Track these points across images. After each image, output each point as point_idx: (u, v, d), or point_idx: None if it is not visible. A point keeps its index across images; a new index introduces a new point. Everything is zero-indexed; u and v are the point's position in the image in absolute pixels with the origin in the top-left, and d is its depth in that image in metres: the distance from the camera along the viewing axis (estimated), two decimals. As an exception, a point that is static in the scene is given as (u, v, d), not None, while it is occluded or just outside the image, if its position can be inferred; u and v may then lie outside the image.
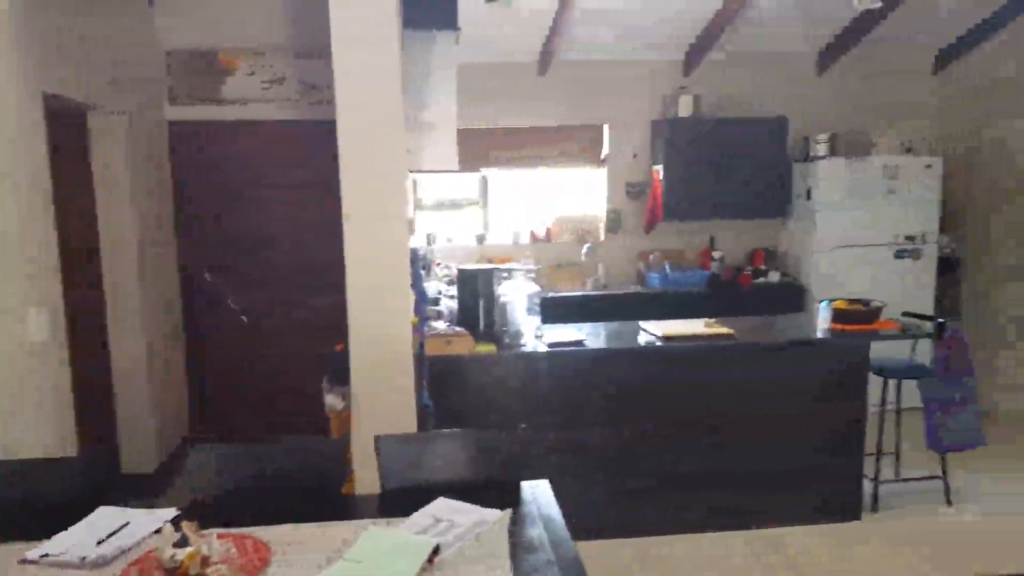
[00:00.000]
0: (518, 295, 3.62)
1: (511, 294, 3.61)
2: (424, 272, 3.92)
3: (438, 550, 1.70)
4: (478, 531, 1.83)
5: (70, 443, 3.26)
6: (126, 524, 1.85)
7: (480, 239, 5.84)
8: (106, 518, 1.89)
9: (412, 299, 2.94)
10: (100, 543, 1.76)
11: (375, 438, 2.14)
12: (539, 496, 2.09)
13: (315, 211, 4.77)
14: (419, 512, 1.93)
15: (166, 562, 1.59)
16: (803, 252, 5.60)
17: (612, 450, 3.65)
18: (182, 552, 1.60)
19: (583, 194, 6.05)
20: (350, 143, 2.74)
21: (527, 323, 3.64)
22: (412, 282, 2.96)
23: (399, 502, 2.01)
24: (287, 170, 4.87)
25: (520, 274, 3.87)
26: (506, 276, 3.62)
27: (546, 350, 3.53)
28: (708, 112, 5.67)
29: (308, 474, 2.17)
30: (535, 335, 3.64)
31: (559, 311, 5.08)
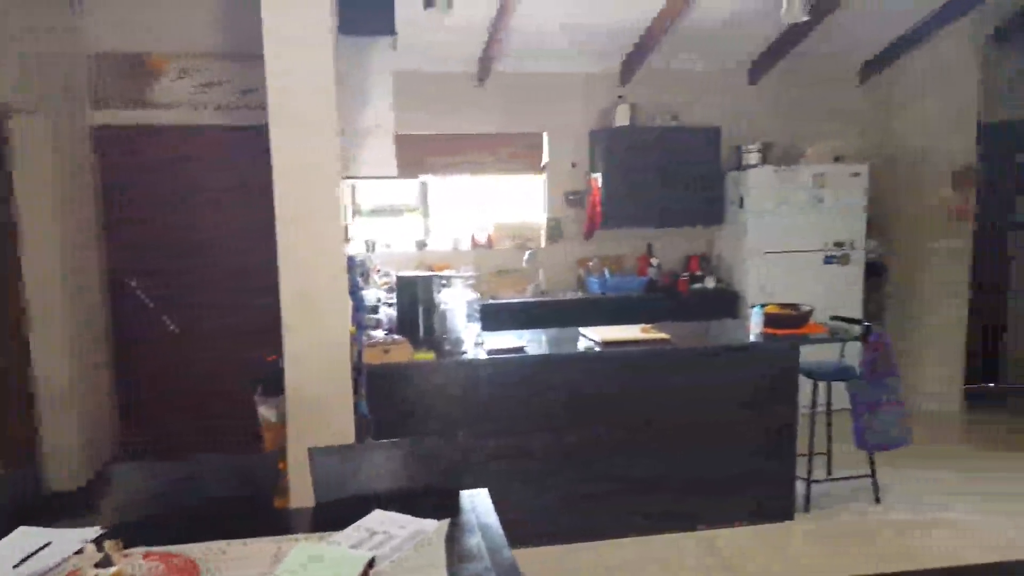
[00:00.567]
0: (458, 302, 3.61)
1: (451, 301, 3.60)
2: (362, 279, 3.86)
3: (373, 563, 1.67)
4: (415, 542, 1.80)
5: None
6: (47, 544, 1.77)
7: (420, 246, 5.81)
8: (26, 539, 1.79)
9: (349, 307, 2.90)
10: (18, 565, 1.67)
11: (308, 450, 2.09)
12: (478, 505, 2.08)
13: (251, 216, 4.65)
14: (354, 525, 1.89)
15: (86, 584, 1.53)
16: (736, 258, 5.75)
17: (556, 456, 3.67)
18: (105, 572, 1.54)
19: (524, 201, 6.08)
20: (283, 148, 2.69)
21: (467, 330, 3.63)
22: (349, 290, 2.92)
23: (334, 515, 1.97)
24: (221, 174, 4.75)
25: (460, 281, 3.86)
26: (445, 283, 3.60)
27: (486, 357, 3.52)
28: (645, 121, 5.77)
29: (239, 489, 2.11)
30: (475, 342, 3.63)
31: (501, 318, 5.09)
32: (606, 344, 3.72)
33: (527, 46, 5.35)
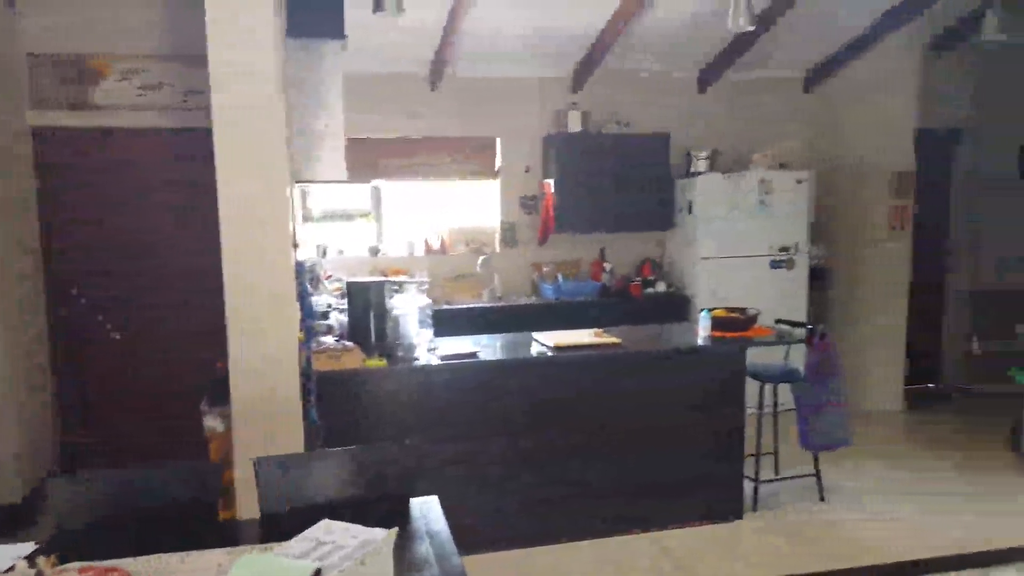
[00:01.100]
0: (410, 308, 3.58)
1: (403, 307, 3.57)
2: (312, 285, 3.81)
3: (319, 573, 1.64)
4: (363, 552, 1.78)
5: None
6: (-27, 564, 1.70)
7: (374, 251, 5.76)
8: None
9: (298, 314, 2.86)
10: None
11: (253, 461, 2.05)
12: (428, 512, 2.07)
13: (201, 217, 4.56)
14: (301, 535, 1.86)
15: (16, 603, 1.47)
16: (687, 263, 5.84)
17: (511, 460, 3.67)
18: (36, 591, 1.48)
19: (478, 206, 6.08)
20: (227, 152, 2.63)
21: (420, 336, 3.61)
22: (297, 296, 2.88)
23: (281, 526, 1.93)
24: (169, 176, 4.65)
25: (412, 286, 3.83)
26: (397, 289, 3.58)
27: (440, 363, 3.51)
28: (596, 128, 5.83)
29: (182, 499, 2.06)
30: (428, 348, 3.61)
31: (455, 323, 5.08)
32: (559, 349, 3.74)
33: (480, 49, 5.35)
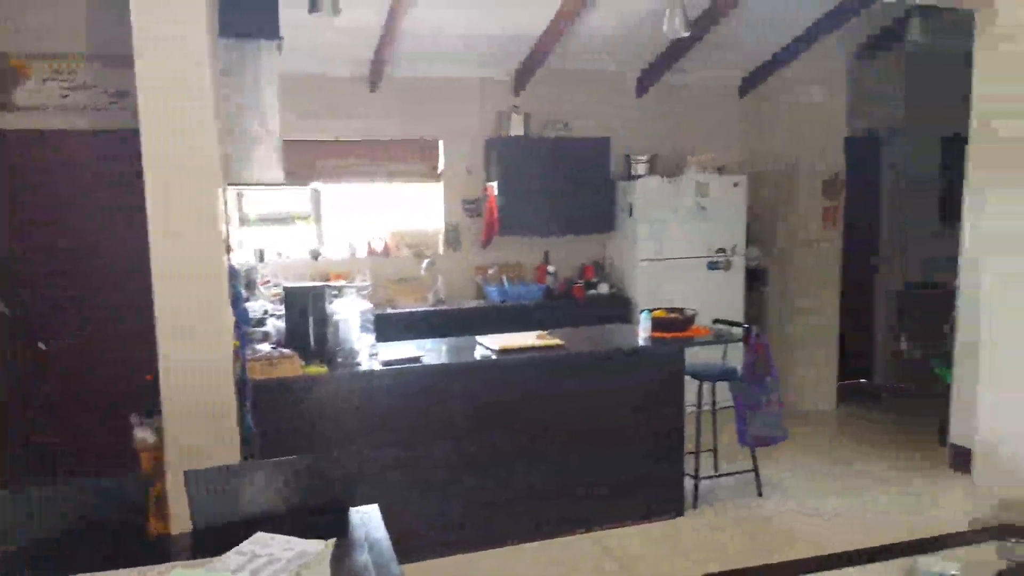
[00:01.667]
0: (351, 312, 3.53)
1: (344, 312, 3.51)
2: (248, 290, 3.72)
3: (253, 588, 1.60)
4: (299, 564, 1.74)
5: None
6: None
7: (314, 254, 5.65)
8: None
9: (232, 320, 2.78)
10: None
11: (184, 473, 1.99)
12: (367, 521, 2.04)
13: (136, 218, 4.40)
14: (235, 549, 1.81)
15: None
16: (628, 265, 5.92)
17: (456, 464, 3.66)
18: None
19: (421, 208, 6.03)
20: (155, 154, 2.55)
21: (361, 341, 3.55)
22: (232, 302, 2.80)
23: (215, 540, 1.88)
24: (95, 181, 4.47)
25: (353, 291, 3.77)
26: (337, 293, 3.52)
27: (381, 368, 3.47)
28: (538, 131, 5.86)
29: (111, 516, 1.99)
30: (370, 353, 3.56)
31: (400, 327, 5.01)
32: (502, 352, 3.74)
33: (420, 49, 5.30)
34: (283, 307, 3.58)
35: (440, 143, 5.89)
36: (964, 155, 4.55)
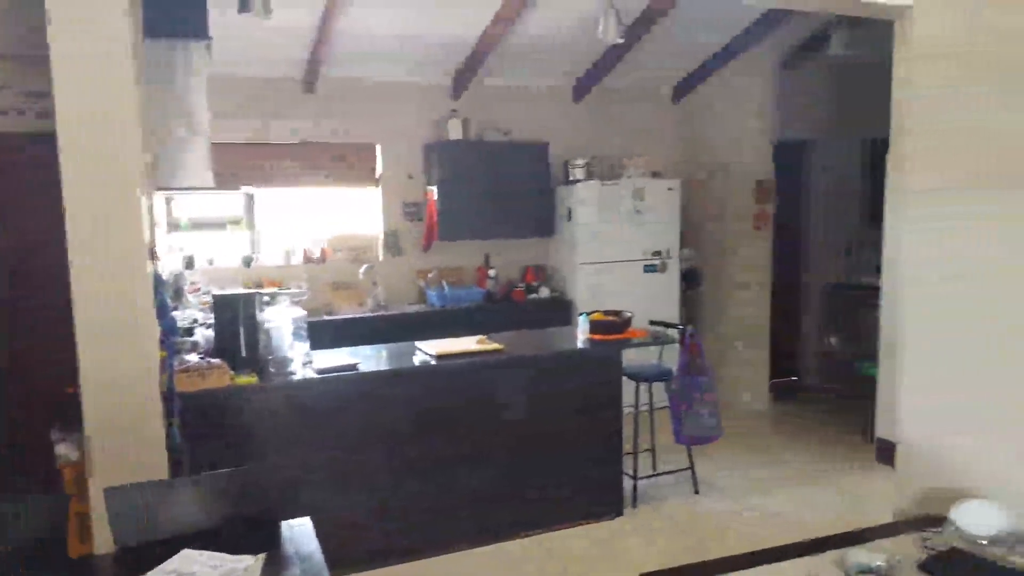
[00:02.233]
0: (284, 320, 3.45)
1: (276, 319, 3.43)
2: (176, 299, 3.60)
3: (177, 609, 1.54)
4: (226, 581, 1.69)
5: None
6: None
7: (247, 261, 5.51)
8: None
9: (156, 330, 2.69)
10: None
11: (104, 491, 1.90)
12: (299, 535, 2.00)
13: (47, 231, 4.20)
14: (160, 567, 1.75)
15: None
16: (567, 268, 5.96)
17: (397, 472, 3.61)
18: None
19: (359, 213, 5.95)
20: (73, 158, 2.44)
21: (294, 350, 3.48)
22: (157, 311, 2.71)
23: (139, 559, 1.81)
24: (11, 188, 4.25)
25: (286, 298, 3.69)
26: (268, 301, 3.44)
27: (316, 377, 3.40)
28: (477, 135, 5.85)
29: (30, 536, 1.89)
30: (303, 362, 3.49)
31: (338, 334, 4.92)
32: (441, 357, 3.71)
33: (357, 50, 5.23)
34: (212, 315, 3.47)
35: (378, 147, 5.82)
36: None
